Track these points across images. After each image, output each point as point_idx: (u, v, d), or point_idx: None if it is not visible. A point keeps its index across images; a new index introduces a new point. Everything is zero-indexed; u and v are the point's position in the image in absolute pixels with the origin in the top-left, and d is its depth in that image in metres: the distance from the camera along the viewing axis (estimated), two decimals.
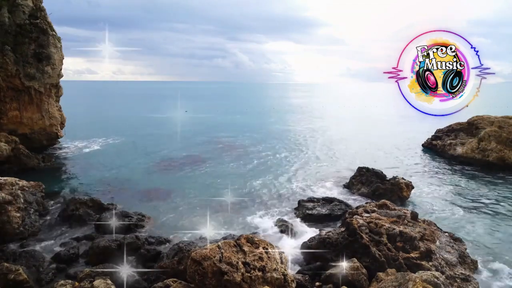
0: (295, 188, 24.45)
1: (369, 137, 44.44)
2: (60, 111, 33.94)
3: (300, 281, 12.25)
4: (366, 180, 23.35)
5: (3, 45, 28.42)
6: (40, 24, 30.35)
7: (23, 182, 18.64)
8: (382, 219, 14.62)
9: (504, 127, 30.10)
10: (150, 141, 40.40)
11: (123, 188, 23.70)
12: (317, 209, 19.25)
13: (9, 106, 29.98)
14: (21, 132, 30.37)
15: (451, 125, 37.09)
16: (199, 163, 30.72)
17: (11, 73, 28.96)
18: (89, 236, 16.30)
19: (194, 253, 10.99)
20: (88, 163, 30.35)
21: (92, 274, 12.54)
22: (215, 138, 43.33)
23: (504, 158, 28.76)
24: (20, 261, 13.47)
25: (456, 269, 12.72)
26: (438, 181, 25.94)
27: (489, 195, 22.74)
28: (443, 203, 21.59)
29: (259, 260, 11.02)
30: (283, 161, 32.16)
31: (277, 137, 44.51)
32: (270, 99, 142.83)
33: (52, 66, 31.05)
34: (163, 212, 19.71)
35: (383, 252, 12.94)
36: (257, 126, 54.66)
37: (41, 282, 12.82)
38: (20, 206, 16.55)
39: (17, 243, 15.43)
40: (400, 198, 21.48)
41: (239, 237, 11.93)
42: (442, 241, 14.19)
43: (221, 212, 19.89)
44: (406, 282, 9.91)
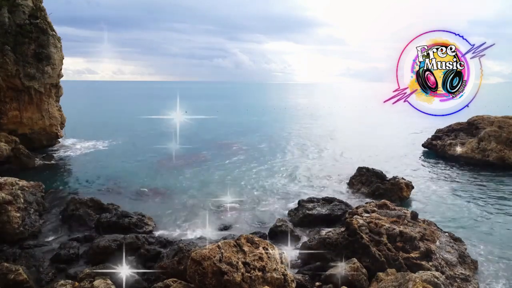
0: (295, 188, 24.45)
1: (369, 137, 44.44)
2: (60, 111, 33.93)
3: (300, 281, 12.24)
4: (366, 180, 23.35)
5: (3, 45, 28.42)
6: (40, 24, 30.36)
7: (23, 182, 18.64)
8: (382, 219, 14.62)
9: (504, 127, 30.09)
10: (150, 141, 40.37)
11: (123, 188, 23.69)
12: (317, 209, 19.23)
13: (9, 106, 29.99)
14: (21, 132, 30.37)
15: (451, 125, 37.08)
16: (199, 163, 30.72)
17: (11, 73, 28.97)
18: (89, 236, 16.28)
19: (194, 253, 10.99)
20: (88, 163, 30.35)
21: (92, 274, 12.54)
22: (215, 138, 43.32)
23: (504, 158, 28.76)
24: (20, 261, 13.48)
25: (456, 269, 12.72)
26: (438, 181, 25.93)
27: (489, 195, 22.74)
28: (443, 203, 21.59)
29: (259, 260, 11.02)
30: (283, 161, 32.15)
31: (276, 137, 44.51)
32: (269, 99, 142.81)
33: (52, 66, 31.06)
34: (163, 212, 19.71)
35: (383, 252, 12.94)
36: (257, 126, 54.65)
37: (41, 282, 12.81)
38: (20, 206, 16.54)
39: (17, 243, 15.41)
40: (400, 198, 21.48)
41: (239, 237, 11.92)
42: (442, 241, 14.19)
43: (221, 212, 19.90)
44: (406, 282, 9.91)
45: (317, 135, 47.01)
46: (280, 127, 54.93)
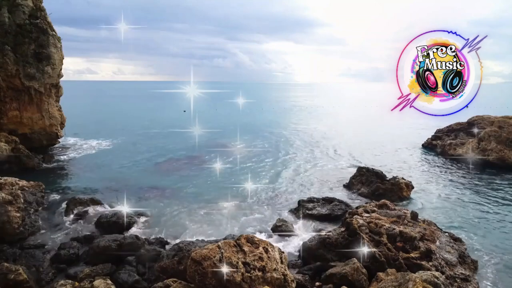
0: (295, 188, 24.45)
1: (369, 137, 44.43)
2: (60, 111, 33.91)
3: (300, 281, 12.24)
4: (366, 180, 23.35)
5: (3, 45, 28.42)
6: (40, 24, 30.34)
7: (23, 182, 18.65)
8: (382, 219, 14.61)
9: (504, 127, 30.09)
10: (150, 141, 40.39)
11: (123, 188, 23.66)
12: (317, 209, 19.24)
13: (9, 106, 29.96)
14: (21, 132, 30.35)
15: (451, 125, 37.11)
16: (199, 163, 30.72)
17: (11, 73, 28.95)
18: (89, 236, 16.28)
19: (194, 253, 10.99)
20: (88, 163, 30.36)
21: (92, 274, 12.55)
22: (214, 138, 43.29)
23: (504, 158, 28.76)
24: (20, 261, 13.48)
25: (456, 269, 12.71)
26: (438, 181, 25.93)
27: (489, 195, 22.74)
28: (443, 203, 21.58)
29: (259, 260, 11.02)
30: (283, 161, 32.15)
31: (276, 137, 44.52)
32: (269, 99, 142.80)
33: (52, 66, 31.04)
34: (164, 212, 19.71)
35: (383, 252, 12.94)
36: (257, 127, 54.63)
37: (41, 282, 12.81)
38: (20, 206, 16.53)
39: (17, 243, 15.41)
40: (400, 198, 21.50)
41: (239, 237, 11.91)
42: (442, 241, 14.18)
43: (221, 211, 19.89)
44: (406, 282, 9.91)
45: (316, 135, 46.99)
46: (280, 127, 54.91)
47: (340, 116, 74.45)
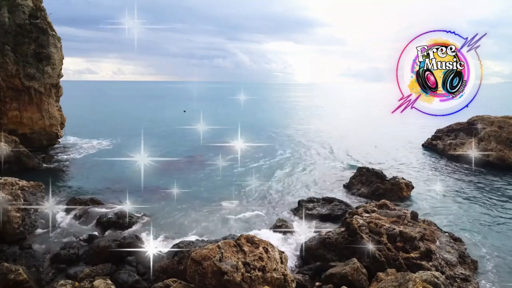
0: (295, 188, 24.45)
1: (369, 137, 44.43)
2: (60, 111, 33.93)
3: (300, 281, 12.24)
4: (366, 180, 23.34)
5: (3, 45, 28.44)
6: (40, 24, 30.35)
7: (23, 182, 18.62)
8: (382, 219, 14.61)
9: (504, 127, 30.10)
10: (150, 141, 40.32)
11: (124, 188, 23.64)
12: (317, 209, 19.25)
13: (9, 106, 29.99)
14: (21, 132, 30.37)
15: (451, 125, 37.09)
16: (199, 163, 30.72)
17: (11, 73, 28.97)
18: (89, 236, 16.28)
19: (194, 253, 10.99)
20: (88, 163, 30.35)
21: (92, 274, 12.55)
22: (214, 138, 43.23)
23: (504, 158, 28.76)
24: (20, 261, 13.47)
25: (456, 269, 12.72)
26: (438, 181, 25.90)
27: (489, 195, 22.74)
28: (443, 203, 21.58)
29: (259, 260, 11.01)
30: (283, 161, 32.14)
31: (276, 137, 44.52)
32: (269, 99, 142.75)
33: (52, 66, 31.05)
34: (164, 212, 19.70)
35: (383, 252, 12.94)
36: (256, 127, 54.59)
37: (41, 282, 12.81)
38: (20, 206, 16.53)
39: (17, 243, 15.40)
40: (400, 198, 21.49)
41: (239, 237, 11.92)
42: (442, 241, 14.18)
43: (221, 211, 19.89)
44: (406, 282, 9.91)
45: (317, 134, 46.98)
46: (280, 127, 54.88)
47: (340, 116, 74.41)
